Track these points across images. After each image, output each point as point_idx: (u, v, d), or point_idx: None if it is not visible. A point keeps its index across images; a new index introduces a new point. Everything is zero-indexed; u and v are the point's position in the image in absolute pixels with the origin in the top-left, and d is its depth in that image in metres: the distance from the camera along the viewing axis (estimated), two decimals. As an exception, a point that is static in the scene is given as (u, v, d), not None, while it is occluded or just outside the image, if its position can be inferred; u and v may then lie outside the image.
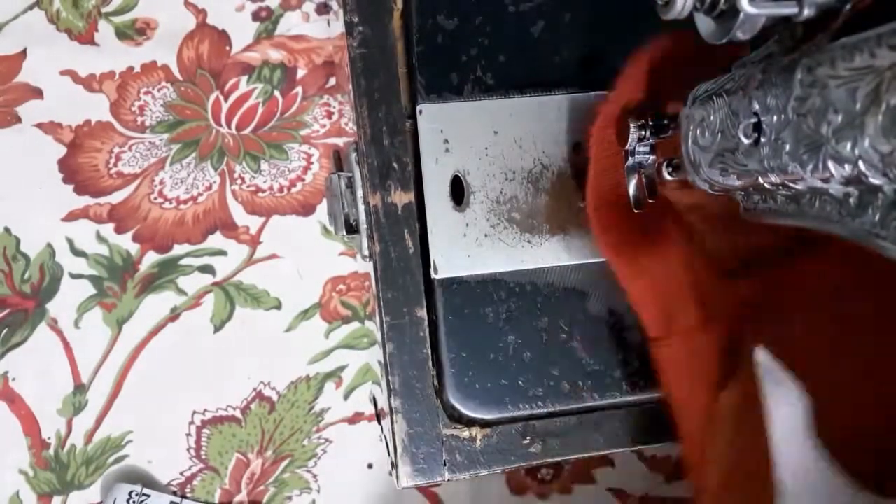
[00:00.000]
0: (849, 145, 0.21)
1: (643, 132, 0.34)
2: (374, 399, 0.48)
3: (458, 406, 0.38)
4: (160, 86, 0.50)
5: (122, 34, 0.50)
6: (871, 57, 0.20)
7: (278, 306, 0.51)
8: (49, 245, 0.49)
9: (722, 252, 0.38)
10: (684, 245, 0.37)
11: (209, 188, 0.51)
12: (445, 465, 0.38)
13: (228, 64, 0.51)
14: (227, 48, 0.51)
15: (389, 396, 0.38)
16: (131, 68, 0.50)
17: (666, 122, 0.33)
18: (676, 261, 0.36)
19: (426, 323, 0.38)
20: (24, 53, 0.49)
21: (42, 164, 0.49)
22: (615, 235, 0.36)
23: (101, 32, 0.50)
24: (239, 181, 0.51)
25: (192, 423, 0.50)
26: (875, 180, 0.21)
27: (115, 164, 0.50)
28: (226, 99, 0.51)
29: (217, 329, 0.50)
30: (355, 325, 0.52)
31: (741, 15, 0.23)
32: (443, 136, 0.38)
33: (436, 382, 0.38)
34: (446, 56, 0.38)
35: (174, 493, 0.49)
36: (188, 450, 0.50)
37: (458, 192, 0.38)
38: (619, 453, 0.53)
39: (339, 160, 0.42)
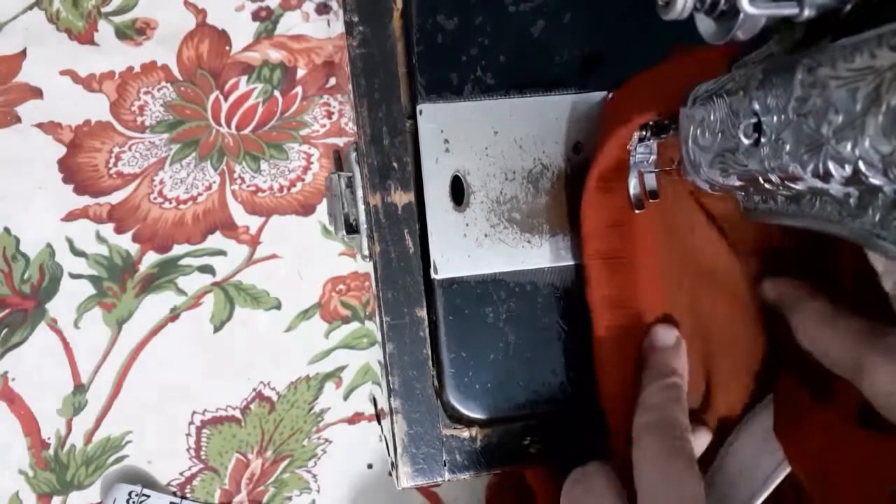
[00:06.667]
0: (849, 146, 0.21)
1: (644, 132, 0.34)
2: (374, 399, 0.48)
3: (458, 406, 0.38)
4: (160, 86, 0.50)
5: (122, 34, 0.50)
6: (872, 57, 0.20)
7: (278, 306, 0.51)
8: (49, 245, 0.49)
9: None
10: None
11: (209, 188, 0.51)
12: (445, 465, 0.38)
13: (228, 64, 0.51)
14: (227, 48, 0.51)
15: (389, 396, 0.38)
16: (131, 68, 0.50)
17: (666, 122, 0.33)
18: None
19: (426, 323, 0.38)
20: (23, 53, 0.49)
21: (42, 164, 0.49)
22: (616, 213, 0.36)
23: (101, 32, 0.50)
24: (239, 181, 0.51)
25: (191, 423, 0.50)
26: (875, 181, 0.21)
27: (115, 164, 0.50)
28: (226, 99, 0.51)
29: (217, 329, 0.50)
30: (355, 325, 0.52)
31: (741, 15, 0.23)
32: (443, 136, 0.38)
33: (436, 382, 0.38)
34: (446, 56, 0.38)
35: (174, 494, 0.49)
36: (188, 450, 0.50)
37: (458, 192, 0.38)
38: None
39: (339, 160, 0.41)
